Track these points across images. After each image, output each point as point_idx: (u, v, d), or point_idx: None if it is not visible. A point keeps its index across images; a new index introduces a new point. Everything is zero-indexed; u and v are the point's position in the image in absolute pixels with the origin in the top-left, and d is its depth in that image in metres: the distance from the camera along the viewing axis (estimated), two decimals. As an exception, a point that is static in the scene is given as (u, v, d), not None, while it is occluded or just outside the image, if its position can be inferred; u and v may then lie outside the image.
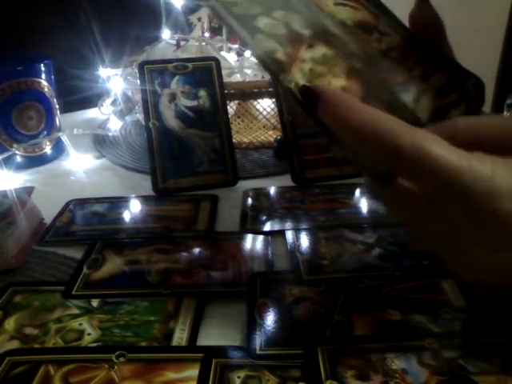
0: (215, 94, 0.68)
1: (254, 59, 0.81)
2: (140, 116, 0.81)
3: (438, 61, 0.34)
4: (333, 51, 0.35)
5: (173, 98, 0.67)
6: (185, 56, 0.80)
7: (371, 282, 0.45)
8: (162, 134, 0.65)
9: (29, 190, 0.60)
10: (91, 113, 0.98)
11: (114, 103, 0.89)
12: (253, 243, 0.52)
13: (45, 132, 0.76)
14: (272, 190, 0.64)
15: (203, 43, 0.83)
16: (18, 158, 0.74)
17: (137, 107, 0.84)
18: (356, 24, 0.36)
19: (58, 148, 0.79)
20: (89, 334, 0.40)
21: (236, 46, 0.85)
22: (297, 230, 0.54)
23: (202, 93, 0.68)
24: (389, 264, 0.48)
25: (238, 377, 0.35)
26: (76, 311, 0.43)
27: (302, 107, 0.32)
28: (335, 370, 0.35)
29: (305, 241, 0.52)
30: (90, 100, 0.95)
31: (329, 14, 0.36)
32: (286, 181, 0.66)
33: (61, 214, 0.60)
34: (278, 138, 0.75)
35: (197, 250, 0.51)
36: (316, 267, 0.47)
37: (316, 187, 0.64)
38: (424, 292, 0.44)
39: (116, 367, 0.36)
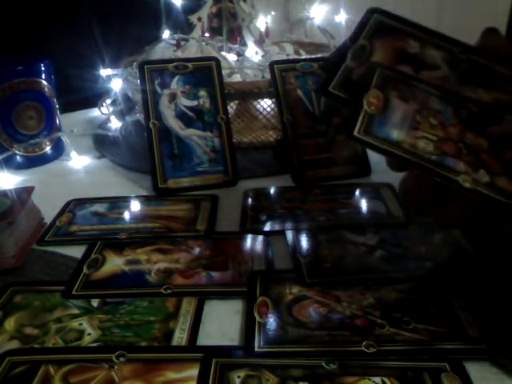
0: (215, 94, 0.68)
1: (254, 60, 0.81)
2: (140, 116, 0.81)
3: None
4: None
5: (173, 97, 0.67)
6: (185, 56, 0.80)
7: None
8: (162, 133, 0.65)
9: (29, 190, 0.60)
10: (91, 113, 0.98)
11: (113, 103, 0.89)
12: (253, 243, 0.52)
13: (45, 132, 0.76)
14: (272, 190, 0.64)
15: (203, 43, 0.83)
16: (18, 158, 0.74)
17: (137, 107, 0.84)
18: None
19: (58, 148, 0.79)
20: (89, 334, 0.40)
21: (236, 46, 0.85)
22: (297, 231, 0.54)
23: (202, 93, 0.68)
24: (392, 266, 0.47)
25: (238, 376, 0.35)
26: (76, 311, 0.43)
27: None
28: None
29: (305, 242, 0.52)
30: (89, 100, 0.95)
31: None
32: (286, 181, 0.66)
33: (61, 213, 0.60)
34: (278, 137, 0.75)
35: (197, 250, 0.51)
36: (318, 270, 0.47)
37: (316, 187, 0.64)
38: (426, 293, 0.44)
39: (116, 367, 0.36)
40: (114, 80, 0.85)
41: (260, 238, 0.53)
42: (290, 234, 0.53)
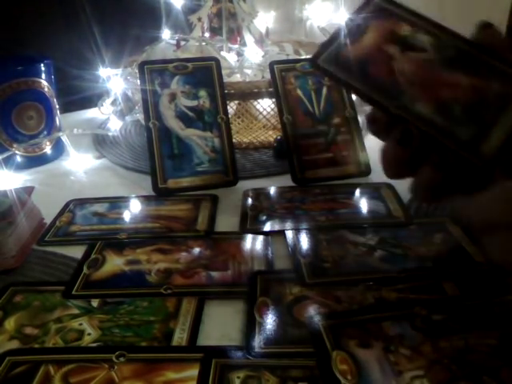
0: (215, 94, 0.68)
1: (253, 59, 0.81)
2: (140, 116, 0.81)
3: None
4: None
5: (173, 97, 0.67)
6: (185, 56, 0.80)
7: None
8: (162, 133, 0.65)
9: (29, 190, 0.60)
10: (91, 113, 0.98)
11: (113, 103, 0.89)
12: (253, 243, 0.52)
13: (45, 132, 0.76)
14: (272, 190, 0.64)
15: (203, 43, 0.83)
16: (18, 158, 0.74)
17: (137, 107, 0.84)
18: None
19: (58, 148, 0.79)
20: (89, 334, 0.40)
21: (236, 46, 0.85)
22: (297, 231, 0.54)
23: (202, 93, 0.68)
24: (392, 266, 0.47)
25: (238, 377, 0.35)
26: (76, 311, 0.43)
27: None
28: (339, 342, 0.37)
29: (305, 242, 0.52)
30: (90, 100, 0.95)
31: None
32: (286, 181, 0.66)
33: (61, 214, 0.60)
34: (278, 138, 0.75)
35: (197, 250, 0.51)
36: (318, 270, 0.47)
37: (316, 187, 0.64)
38: (425, 292, 0.44)
39: (116, 367, 0.36)
40: (114, 80, 0.85)
41: (260, 237, 0.53)
42: (289, 234, 0.53)
